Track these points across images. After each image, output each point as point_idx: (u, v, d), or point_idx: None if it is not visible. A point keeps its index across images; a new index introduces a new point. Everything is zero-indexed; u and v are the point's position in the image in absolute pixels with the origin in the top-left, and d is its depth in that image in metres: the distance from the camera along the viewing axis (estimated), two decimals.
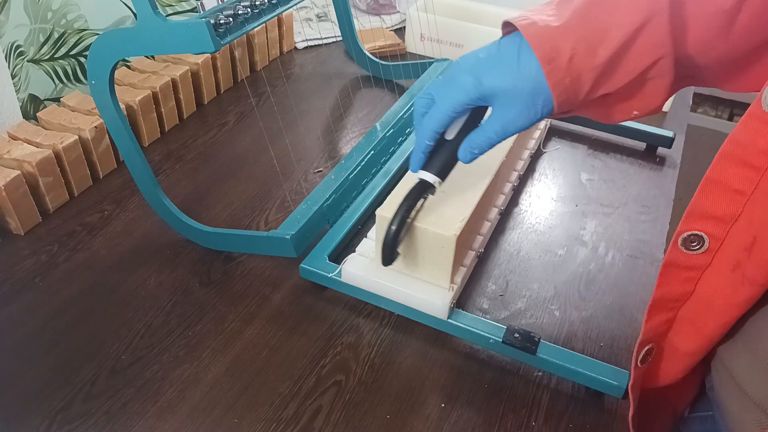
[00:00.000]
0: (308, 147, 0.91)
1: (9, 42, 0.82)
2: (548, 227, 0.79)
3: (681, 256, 0.45)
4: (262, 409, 0.57)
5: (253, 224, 0.77)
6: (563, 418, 0.58)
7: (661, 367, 0.51)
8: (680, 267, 0.45)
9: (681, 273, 0.46)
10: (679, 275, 0.46)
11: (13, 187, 0.70)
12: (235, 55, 1.02)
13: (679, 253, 0.45)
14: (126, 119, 0.66)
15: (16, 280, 0.68)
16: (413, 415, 0.57)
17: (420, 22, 1.13)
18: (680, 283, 0.46)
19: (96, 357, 0.60)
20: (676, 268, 0.45)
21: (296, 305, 0.67)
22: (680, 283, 0.46)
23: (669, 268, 0.46)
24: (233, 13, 0.59)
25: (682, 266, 0.45)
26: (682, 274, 0.46)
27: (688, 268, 0.45)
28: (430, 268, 0.62)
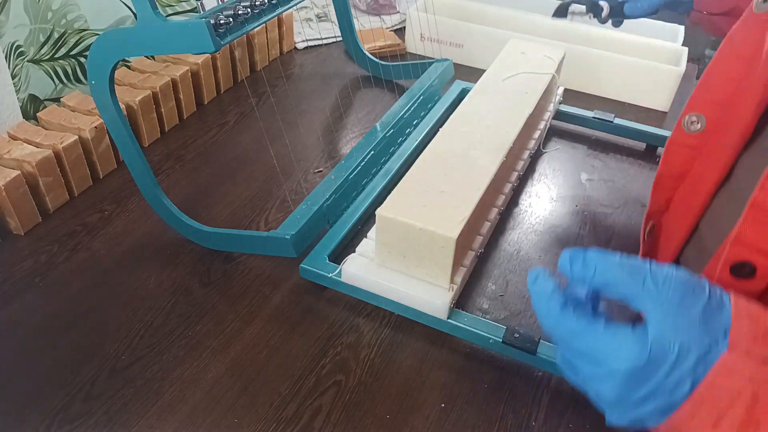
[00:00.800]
0: (308, 147, 0.91)
1: (9, 42, 0.82)
2: (548, 227, 0.79)
3: (683, 136, 0.54)
4: (262, 409, 0.57)
5: (253, 224, 0.77)
6: (563, 418, 0.58)
7: (660, 243, 0.58)
8: (682, 145, 0.54)
9: (682, 151, 0.55)
10: (681, 153, 0.55)
11: (13, 187, 0.70)
12: (235, 55, 1.02)
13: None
14: (126, 119, 0.66)
15: (16, 280, 0.68)
16: (413, 415, 0.57)
17: (420, 23, 1.13)
18: (681, 161, 0.54)
19: (96, 357, 0.60)
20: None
21: (296, 305, 0.67)
22: (681, 161, 0.54)
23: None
24: (233, 14, 0.59)
25: (683, 144, 0.54)
26: (684, 153, 0.54)
27: (689, 147, 0.54)
28: (430, 268, 0.62)
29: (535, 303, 0.41)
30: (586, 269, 0.39)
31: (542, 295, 0.40)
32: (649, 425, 0.38)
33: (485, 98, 0.82)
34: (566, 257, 0.40)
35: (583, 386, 0.40)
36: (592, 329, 0.38)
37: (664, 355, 0.35)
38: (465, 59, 1.14)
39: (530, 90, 0.83)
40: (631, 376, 0.36)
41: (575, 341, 0.38)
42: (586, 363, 0.38)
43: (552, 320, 0.39)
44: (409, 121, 0.90)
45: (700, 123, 0.53)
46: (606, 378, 0.37)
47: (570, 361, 0.40)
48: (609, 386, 0.37)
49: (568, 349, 0.39)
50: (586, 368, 0.38)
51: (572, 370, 0.40)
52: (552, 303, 0.40)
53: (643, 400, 0.37)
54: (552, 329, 0.40)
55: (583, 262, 0.40)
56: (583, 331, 0.38)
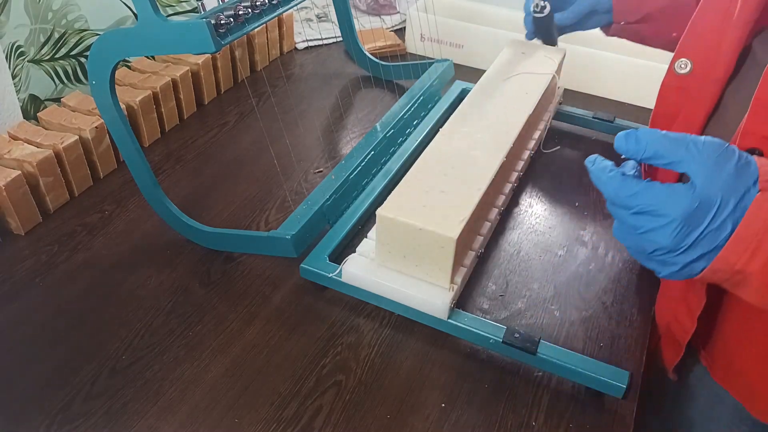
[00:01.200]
0: (308, 147, 0.91)
1: (9, 42, 0.82)
2: (548, 227, 0.79)
3: (674, 78, 0.65)
4: (263, 409, 0.57)
5: (254, 224, 0.77)
6: (563, 418, 0.58)
7: (659, 176, 0.65)
8: (672, 87, 0.65)
9: (674, 92, 0.65)
10: (673, 94, 0.65)
11: (14, 187, 0.70)
12: (236, 55, 1.02)
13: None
14: (126, 119, 0.66)
15: (17, 280, 0.68)
16: (413, 415, 0.57)
17: (420, 23, 1.13)
18: (674, 101, 0.65)
19: (96, 357, 0.60)
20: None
21: (296, 305, 0.67)
22: (674, 101, 0.65)
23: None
24: (234, 14, 0.59)
25: (674, 86, 0.64)
26: (675, 93, 0.65)
27: (679, 88, 0.65)
28: (430, 268, 0.62)
29: (598, 176, 0.47)
30: (638, 143, 0.46)
31: (604, 169, 0.47)
32: (695, 271, 0.46)
33: (485, 98, 0.82)
34: (621, 136, 0.47)
35: (641, 244, 0.47)
36: (652, 186, 0.45)
37: (709, 203, 0.43)
38: (465, 59, 1.14)
39: (530, 90, 0.84)
40: (686, 221, 0.44)
41: (637, 200, 0.45)
42: (647, 218, 0.45)
43: (616, 186, 0.46)
44: (410, 122, 0.90)
45: (688, 66, 0.63)
46: (665, 227, 0.44)
47: (630, 223, 0.46)
48: (667, 234, 0.44)
49: (630, 210, 0.46)
50: (647, 223, 0.45)
51: (632, 231, 0.47)
52: (614, 173, 0.47)
53: (694, 244, 0.44)
54: (615, 195, 0.46)
55: (635, 138, 0.46)
56: (645, 190, 0.45)
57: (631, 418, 0.58)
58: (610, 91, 1.07)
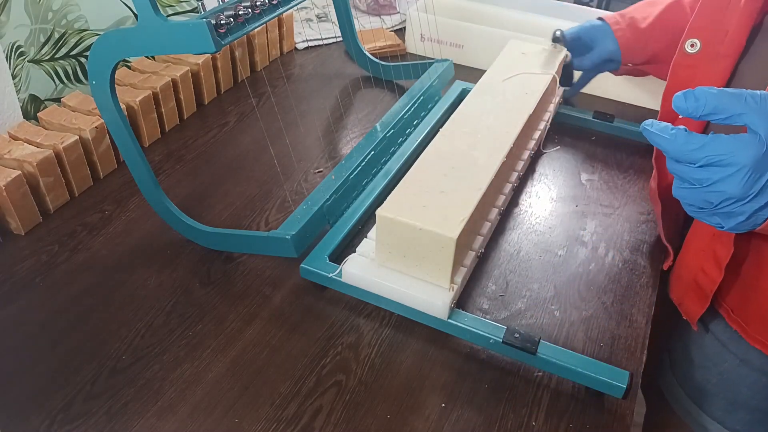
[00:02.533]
0: (308, 147, 0.91)
1: (10, 42, 0.82)
2: (548, 227, 0.79)
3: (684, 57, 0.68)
4: (263, 409, 0.57)
5: (254, 224, 0.77)
6: (563, 418, 0.58)
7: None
8: (683, 66, 0.69)
9: (684, 70, 0.69)
10: (684, 72, 0.69)
11: (14, 187, 0.70)
12: (236, 55, 1.02)
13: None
14: (126, 119, 0.66)
15: (17, 280, 0.68)
16: (413, 415, 0.57)
17: (420, 23, 1.13)
18: (685, 78, 0.68)
19: (96, 357, 0.60)
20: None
21: (296, 305, 0.67)
22: (685, 78, 0.68)
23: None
24: (234, 14, 0.59)
25: (684, 65, 0.69)
26: (686, 72, 0.69)
27: (689, 66, 0.68)
28: (430, 268, 0.62)
29: (660, 136, 0.48)
30: (698, 101, 0.46)
31: (666, 129, 0.48)
32: (761, 220, 0.47)
33: (485, 98, 0.82)
34: (680, 95, 0.47)
35: (706, 198, 0.47)
36: (718, 138, 0.46)
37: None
38: (465, 59, 1.14)
39: (530, 90, 0.84)
40: (755, 167, 0.45)
41: (705, 151, 0.46)
42: (715, 170, 0.46)
43: (681, 142, 0.47)
44: (410, 122, 0.90)
45: (697, 46, 0.67)
46: (734, 175, 0.45)
47: (695, 177, 0.47)
48: (737, 182, 0.45)
49: (696, 163, 0.47)
50: (714, 175, 0.46)
51: (697, 185, 0.47)
52: (676, 131, 0.47)
53: (763, 190, 0.45)
54: (680, 151, 0.47)
55: (694, 96, 0.46)
56: (711, 142, 0.46)
57: (631, 418, 0.58)
58: (610, 91, 1.07)
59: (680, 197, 0.50)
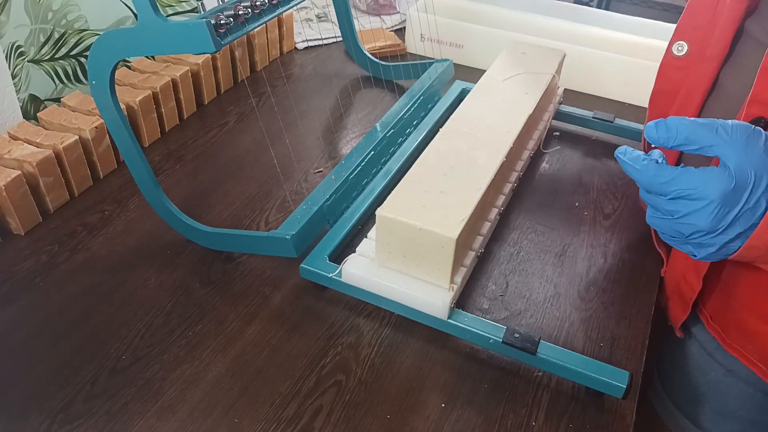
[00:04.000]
0: (308, 147, 0.91)
1: (9, 42, 0.82)
2: (548, 227, 0.79)
3: (672, 59, 0.68)
4: (263, 409, 0.57)
5: (254, 224, 0.77)
6: (563, 418, 0.58)
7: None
8: (672, 67, 0.68)
9: (673, 72, 0.68)
10: (672, 74, 0.68)
11: (14, 187, 0.70)
12: (236, 55, 1.02)
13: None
14: (126, 119, 0.66)
15: (17, 280, 0.68)
16: (413, 415, 0.57)
17: (420, 23, 1.13)
18: (673, 81, 0.68)
19: (96, 357, 0.60)
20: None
21: (296, 305, 0.67)
22: (673, 81, 0.68)
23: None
24: (234, 14, 0.59)
25: (673, 66, 0.68)
26: (674, 74, 0.68)
27: (677, 68, 0.68)
28: (430, 268, 0.62)
29: (633, 166, 0.49)
30: (669, 131, 0.47)
31: (638, 159, 0.49)
32: (731, 251, 0.48)
33: (485, 98, 0.82)
34: (651, 126, 0.48)
35: (678, 228, 0.48)
36: (688, 171, 0.46)
37: (744, 181, 0.45)
38: (465, 59, 1.14)
39: (530, 90, 0.84)
40: (723, 202, 0.45)
41: (675, 185, 0.47)
42: (685, 203, 0.47)
43: (651, 174, 0.47)
44: (410, 122, 0.90)
45: (684, 49, 0.67)
46: (704, 209, 0.46)
47: (666, 209, 0.48)
48: (706, 216, 0.46)
49: (667, 196, 0.47)
50: (685, 207, 0.47)
51: (668, 216, 0.48)
52: (647, 162, 0.48)
53: (732, 223, 0.46)
54: (650, 183, 0.48)
55: (666, 126, 0.47)
56: (681, 175, 0.46)
57: (631, 418, 0.58)
58: (610, 91, 1.07)
59: (653, 225, 0.51)
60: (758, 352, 0.63)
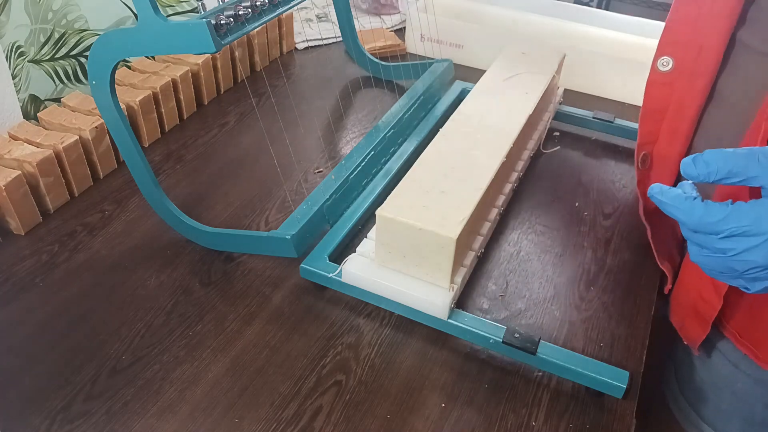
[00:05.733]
0: (308, 147, 0.91)
1: (10, 42, 0.82)
2: (548, 227, 0.79)
3: (658, 75, 0.65)
4: (263, 409, 0.57)
5: (254, 224, 0.77)
6: (563, 418, 0.58)
7: (653, 168, 0.69)
8: (658, 83, 0.66)
9: (659, 89, 0.66)
10: (659, 90, 0.66)
11: (14, 187, 0.70)
12: (236, 55, 1.02)
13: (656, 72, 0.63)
14: (126, 119, 0.66)
15: (17, 280, 0.68)
16: (413, 415, 0.57)
17: (420, 23, 1.13)
18: (661, 97, 0.65)
19: (96, 357, 0.60)
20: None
21: (296, 305, 0.67)
22: (661, 97, 0.65)
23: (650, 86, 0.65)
24: (234, 14, 0.59)
25: (659, 83, 0.65)
26: (661, 90, 0.65)
27: (664, 84, 0.65)
28: (430, 268, 0.62)
29: (674, 207, 0.46)
30: (708, 167, 0.44)
31: (679, 198, 0.46)
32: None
33: (485, 98, 0.82)
34: (689, 162, 0.45)
35: (731, 265, 0.45)
36: (740, 208, 0.44)
37: None
38: (465, 59, 1.14)
39: (530, 90, 0.84)
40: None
41: (726, 224, 0.44)
42: (739, 240, 0.44)
43: (699, 215, 0.45)
44: (410, 122, 0.90)
45: (670, 64, 0.64)
46: (762, 245, 0.43)
47: (718, 247, 0.45)
48: (765, 251, 0.43)
49: (719, 235, 0.44)
50: (739, 245, 0.44)
51: (719, 254, 0.45)
52: (692, 202, 0.45)
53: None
54: (700, 223, 0.45)
55: (704, 162, 0.45)
56: (733, 213, 0.44)
57: (631, 418, 0.58)
58: (610, 91, 1.07)
59: (700, 264, 0.48)
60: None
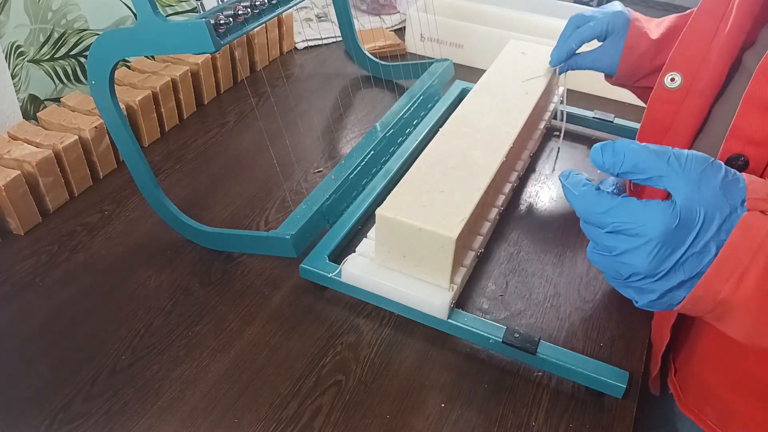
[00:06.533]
0: (308, 147, 0.91)
1: (9, 42, 0.82)
2: (548, 227, 0.79)
3: (664, 92, 0.61)
4: (262, 409, 0.57)
5: (253, 224, 0.77)
6: (563, 418, 0.58)
7: (645, 190, 0.67)
8: (662, 101, 0.62)
9: (663, 106, 0.63)
10: (662, 108, 0.63)
11: (14, 187, 0.70)
12: (235, 55, 1.02)
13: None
14: (126, 119, 0.66)
15: (17, 280, 0.68)
16: (413, 415, 0.57)
17: (420, 23, 1.13)
18: (664, 115, 0.63)
19: (96, 357, 0.60)
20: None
21: (296, 305, 0.67)
22: (664, 115, 0.63)
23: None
24: (233, 13, 0.59)
25: (663, 100, 0.62)
26: (665, 108, 0.63)
27: (668, 102, 0.62)
28: (430, 268, 0.62)
29: (571, 191, 0.43)
30: (616, 156, 0.41)
31: (577, 183, 0.43)
32: (675, 301, 0.42)
33: (485, 98, 0.82)
34: (597, 148, 0.42)
35: (615, 267, 0.42)
36: (628, 202, 0.41)
37: (691, 220, 0.39)
38: (465, 59, 1.14)
39: (530, 90, 0.83)
40: (664, 242, 0.39)
41: (611, 217, 0.41)
42: (621, 238, 0.41)
43: (588, 202, 0.42)
44: (409, 121, 0.90)
45: (677, 81, 0.61)
46: (642, 248, 0.40)
47: (603, 243, 0.42)
48: (644, 256, 0.40)
49: (603, 228, 0.42)
50: (621, 244, 0.41)
51: (605, 252, 0.43)
52: (587, 188, 0.42)
53: (674, 268, 0.40)
54: (587, 211, 0.42)
55: (612, 151, 0.42)
56: (620, 205, 0.41)
57: (631, 418, 0.58)
58: (610, 91, 1.07)
59: (592, 261, 0.45)
60: (717, 417, 0.58)
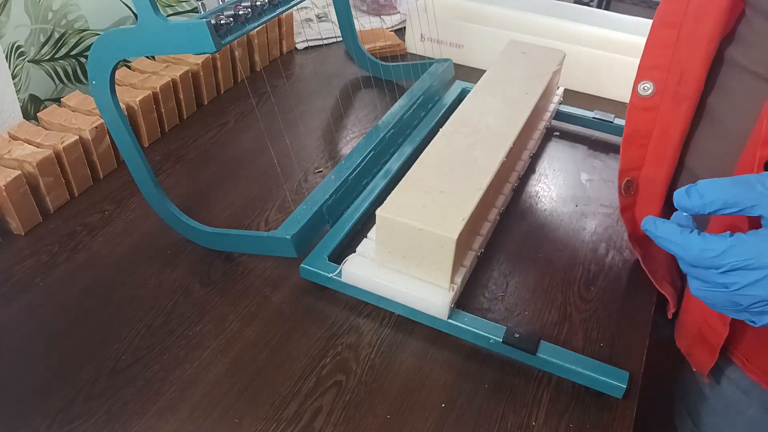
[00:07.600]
0: (308, 147, 0.91)
1: (10, 42, 0.82)
2: (548, 227, 0.79)
3: (639, 100, 0.62)
4: (263, 409, 0.57)
5: (254, 224, 0.77)
6: (563, 418, 0.58)
7: (640, 194, 0.66)
8: (639, 108, 0.62)
9: (642, 114, 0.62)
10: (641, 116, 0.63)
11: (14, 187, 0.70)
12: (236, 55, 1.02)
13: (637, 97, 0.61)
14: (126, 119, 0.66)
15: (17, 280, 0.68)
16: (413, 415, 0.57)
17: (420, 23, 1.13)
18: (644, 122, 0.63)
19: (96, 357, 0.60)
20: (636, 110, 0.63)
21: (296, 305, 0.67)
22: (644, 122, 0.63)
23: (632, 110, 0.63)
24: (234, 14, 0.59)
25: (641, 108, 0.62)
26: (643, 115, 0.62)
27: (646, 109, 0.62)
28: (431, 268, 0.62)
29: (669, 241, 0.44)
30: (703, 198, 0.42)
31: (674, 232, 0.43)
32: None
33: (485, 98, 0.82)
34: (682, 192, 0.43)
35: (734, 300, 0.43)
36: (740, 240, 0.41)
37: None
38: (465, 59, 1.14)
39: (530, 90, 0.84)
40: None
41: (726, 258, 0.41)
42: (742, 274, 0.41)
43: (697, 248, 0.42)
44: (409, 122, 0.90)
45: (651, 89, 0.61)
46: (765, 279, 0.40)
47: (718, 282, 0.42)
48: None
49: (720, 269, 0.42)
50: (742, 279, 0.41)
51: (722, 288, 0.43)
52: (688, 235, 0.43)
53: None
54: (699, 257, 0.42)
55: (698, 193, 0.42)
56: (734, 246, 0.41)
57: (631, 418, 0.58)
58: (610, 91, 1.07)
59: (702, 299, 0.45)
60: None
